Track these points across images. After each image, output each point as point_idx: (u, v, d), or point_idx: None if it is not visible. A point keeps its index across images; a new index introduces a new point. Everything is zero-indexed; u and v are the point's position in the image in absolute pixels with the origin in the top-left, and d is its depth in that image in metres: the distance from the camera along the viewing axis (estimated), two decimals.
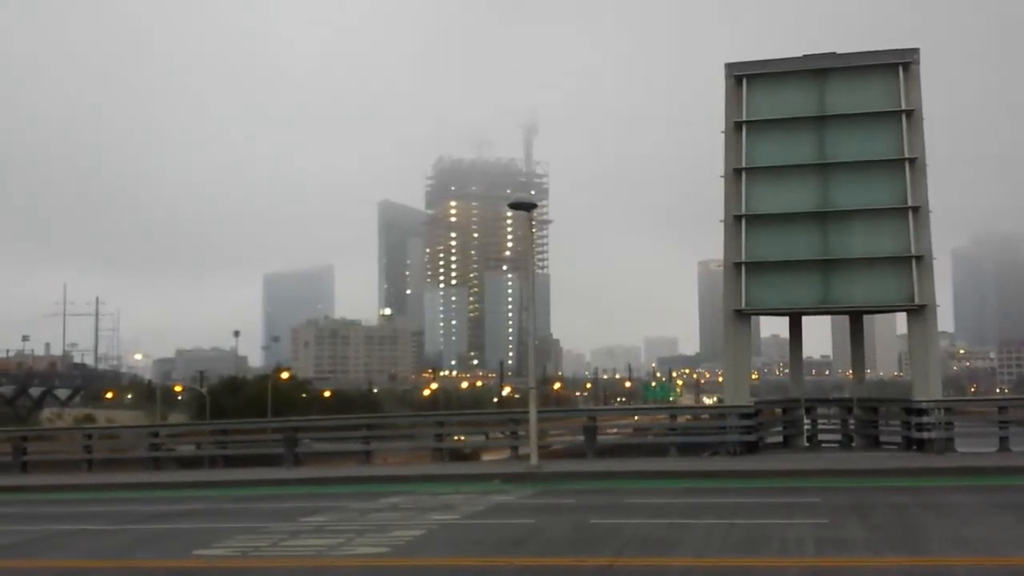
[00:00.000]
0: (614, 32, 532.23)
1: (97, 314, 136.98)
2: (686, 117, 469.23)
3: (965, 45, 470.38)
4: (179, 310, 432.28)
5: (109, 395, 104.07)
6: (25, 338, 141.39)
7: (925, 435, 23.17)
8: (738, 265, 24.90)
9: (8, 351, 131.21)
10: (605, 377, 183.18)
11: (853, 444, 26.12)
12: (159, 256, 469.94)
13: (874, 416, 26.41)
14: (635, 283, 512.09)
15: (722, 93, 25.76)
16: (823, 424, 27.80)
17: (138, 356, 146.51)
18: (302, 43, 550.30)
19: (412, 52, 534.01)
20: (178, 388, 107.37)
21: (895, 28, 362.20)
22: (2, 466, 28.16)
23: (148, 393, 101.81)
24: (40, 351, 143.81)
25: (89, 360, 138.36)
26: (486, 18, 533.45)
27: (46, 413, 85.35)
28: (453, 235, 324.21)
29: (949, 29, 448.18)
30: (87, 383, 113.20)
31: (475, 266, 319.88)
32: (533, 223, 25.18)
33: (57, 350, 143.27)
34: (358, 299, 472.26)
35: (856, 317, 27.69)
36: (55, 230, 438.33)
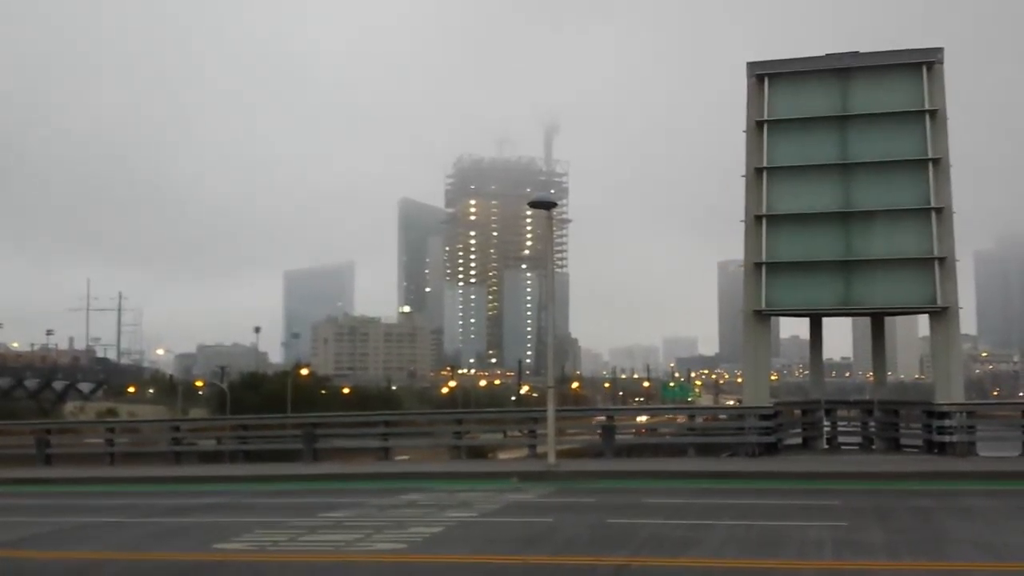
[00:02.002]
0: (635, 32, 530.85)
1: (120, 309, 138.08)
2: (707, 117, 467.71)
3: (989, 44, 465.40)
4: (201, 306, 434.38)
5: (131, 389, 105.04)
6: (49, 332, 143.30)
7: (947, 438, 23.03)
8: (758, 265, 24.80)
9: (32, 345, 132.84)
10: (623, 377, 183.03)
11: (873, 446, 26.00)
12: (182, 252, 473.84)
13: (895, 418, 26.25)
14: (654, 283, 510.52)
15: (744, 92, 25.68)
16: (843, 426, 27.67)
17: (160, 351, 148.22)
18: (325, 42, 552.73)
19: (433, 51, 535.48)
20: (199, 383, 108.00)
21: (917, 26, 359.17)
22: (26, 458, 28.51)
23: (170, 388, 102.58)
24: (64, 345, 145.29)
25: (112, 355, 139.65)
26: (507, 18, 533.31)
27: (69, 407, 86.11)
28: (473, 233, 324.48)
29: (973, 27, 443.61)
30: (110, 377, 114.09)
31: (494, 264, 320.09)
32: (553, 222, 25.16)
33: (80, 344, 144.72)
34: (378, 296, 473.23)
35: (877, 319, 27.50)
36: (80, 226, 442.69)
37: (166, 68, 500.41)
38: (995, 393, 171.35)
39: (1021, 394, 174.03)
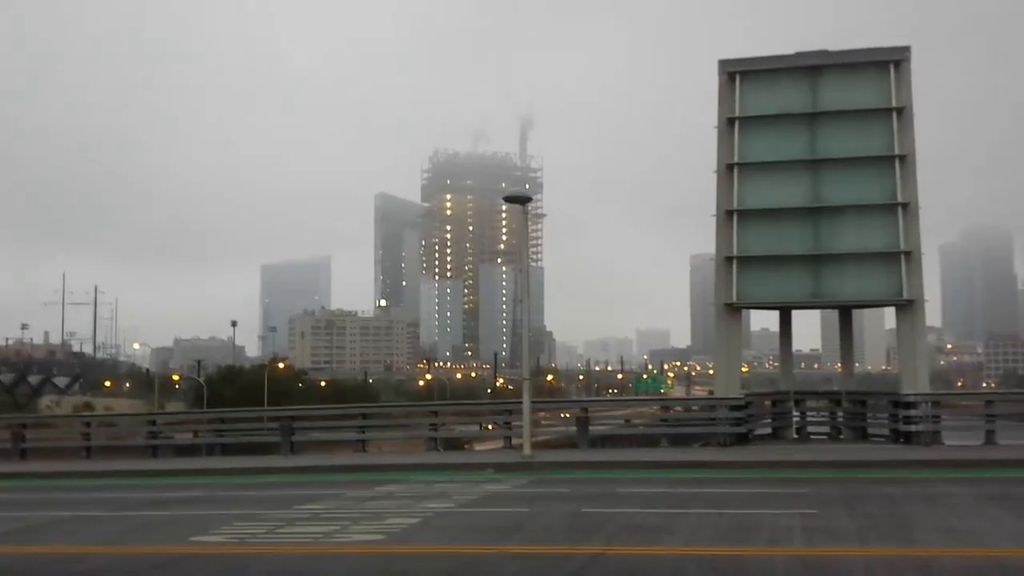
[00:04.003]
0: (609, 29, 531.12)
1: (96, 303, 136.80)
2: (681, 113, 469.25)
3: (955, 42, 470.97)
4: (177, 300, 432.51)
5: (107, 383, 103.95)
6: (24, 326, 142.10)
7: (913, 428, 23.47)
8: (729, 259, 25.15)
9: (7, 339, 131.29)
10: (598, 369, 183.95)
11: (841, 436, 26.44)
12: (158, 246, 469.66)
13: (862, 409, 26.69)
14: (628, 277, 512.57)
15: (716, 90, 25.97)
16: (812, 416, 28.10)
17: (136, 345, 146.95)
18: (301, 36, 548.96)
19: (410, 46, 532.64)
20: (176, 377, 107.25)
21: (884, 24, 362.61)
22: (1, 453, 28.33)
23: (146, 382, 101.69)
24: (39, 339, 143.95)
25: (88, 349, 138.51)
26: (484, 14, 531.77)
27: (45, 401, 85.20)
28: (448, 228, 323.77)
29: (939, 25, 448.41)
30: (86, 371, 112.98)
31: (470, 259, 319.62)
32: (528, 216, 25.35)
33: (56, 338, 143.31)
34: (354, 290, 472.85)
35: (845, 311, 27.97)
36: (56, 220, 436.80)
37: (144, 64, 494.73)
38: (959, 384, 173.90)
39: (984, 384, 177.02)
